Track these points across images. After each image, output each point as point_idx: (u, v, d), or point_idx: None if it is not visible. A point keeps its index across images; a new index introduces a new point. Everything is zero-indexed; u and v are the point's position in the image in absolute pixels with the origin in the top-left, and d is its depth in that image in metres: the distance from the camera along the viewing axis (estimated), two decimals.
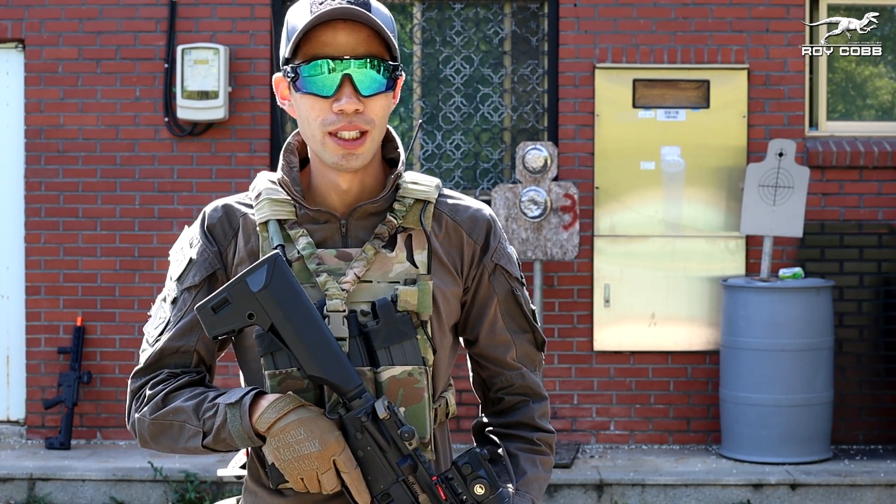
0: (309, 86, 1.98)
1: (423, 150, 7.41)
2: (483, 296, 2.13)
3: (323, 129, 1.99)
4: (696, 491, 6.45)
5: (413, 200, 2.08)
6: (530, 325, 2.17)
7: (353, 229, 2.06)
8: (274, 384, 1.97)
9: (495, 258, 2.13)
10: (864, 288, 7.19)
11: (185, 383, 2.05)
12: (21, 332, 7.35)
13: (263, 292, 1.91)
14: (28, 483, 6.53)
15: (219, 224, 2.09)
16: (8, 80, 7.35)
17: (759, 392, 6.66)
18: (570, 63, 7.20)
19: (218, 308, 1.94)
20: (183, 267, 2.09)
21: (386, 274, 2.03)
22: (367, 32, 1.98)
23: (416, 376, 1.99)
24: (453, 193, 2.15)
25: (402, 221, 2.06)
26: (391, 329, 1.99)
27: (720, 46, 7.17)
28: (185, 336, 2.07)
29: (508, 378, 2.16)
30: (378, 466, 1.92)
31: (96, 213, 7.24)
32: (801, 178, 6.83)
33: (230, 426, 1.94)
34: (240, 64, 7.19)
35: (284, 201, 2.06)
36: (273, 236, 2.03)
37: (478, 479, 1.93)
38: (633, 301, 7.10)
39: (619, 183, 7.17)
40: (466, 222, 2.12)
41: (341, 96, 1.97)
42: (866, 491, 6.45)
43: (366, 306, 2.01)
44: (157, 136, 7.24)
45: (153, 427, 2.03)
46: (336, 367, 1.91)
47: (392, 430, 1.91)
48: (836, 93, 7.46)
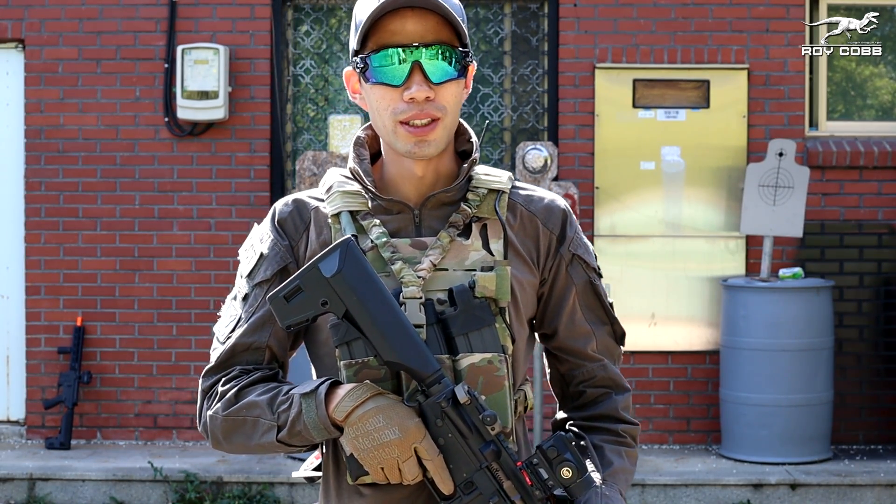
0: (379, 75, 1.96)
1: None
2: (561, 287, 2.09)
3: (394, 118, 1.96)
4: (696, 491, 6.45)
5: (486, 190, 2.05)
6: (609, 316, 2.13)
7: (427, 219, 2.03)
8: (350, 374, 1.93)
9: (573, 248, 2.09)
10: (864, 288, 7.19)
11: (258, 379, 2.01)
12: (21, 332, 7.35)
13: (336, 277, 1.87)
14: (28, 483, 6.53)
15: (289, 218, 2.07)
16: (8, 80, 7.35)
17: (759, 392, 6.66)
18: (570, 63, 7.20)
19: (291, 297, 1.90)
20: (253, 263, 2.06)
21: (462, 262, 2.00)
22: (435, 19, 1.95)
23: (496, 364, 1.95)
24: (526, 185, 2.12)
25: (477, 211, 2.03)
26: (469, 315, 1.94)
27: (720, 46, 7.17)
28: (257, 332, 2.03)
29: (590, 370, 2.11)
30: (460, 454, 1.87)
31: (96, 213, 7.24)
32: (801, 178, 6.83)
33: (305, 417, 1.89)
34: (240, 64, 7.19)
35: (356, 193, 2.04)
36: (345, 227, 2.01)
37: (564, 462, 1.87)
38: (633, 301, 7.10)
39: (619, 183, 7.17)
40: (541, 212, 2.09)
41: (411, 84, 1.95)
42: (866, 491, 6.45)
43: (442, 294, 1.97)
44: (157, 136, 7.24)
45: (226, 424, 1.99)
46: (413, 353, 1.86)
47: (473, 415, 1.86)
48: (836, 93, 7.46)
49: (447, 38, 1.97)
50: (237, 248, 7.19)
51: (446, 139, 2.00)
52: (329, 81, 7.45)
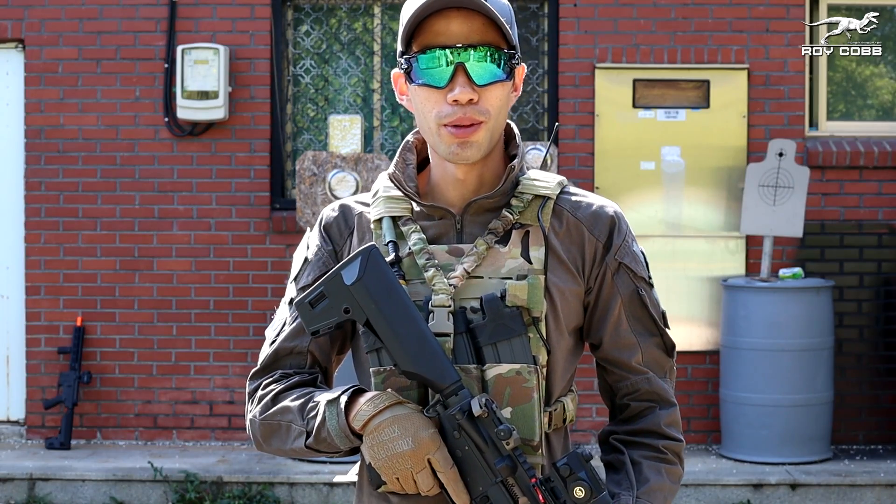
0: (423, 76, 1.93)
1: None
2: (606, 296, 2.03)
3: (438, 120, 1.93)
4: (696, 491, 6.45)
5: (532, 196, 2.00)
6: (658, 327, 2.07)
7: (468, 225, 2.00)
8: (378, 382, 1.92)
9: (619, 256, 2.03)
10: (864, 288, 7.19)
11: (296, 383, 2.00)
12: (21, 332, 7.35)
13: (356, 285, 1.86)
14: (28, 483, 6.53)
15: (335, 223, 2.06)
16: (8, 80, 7.35)
17: (759, 392, 6.66)
18: (570, 63, 7.20)
19: (315, 303, 1.90)
20: (299, 267, 2.07)
21: (497, 270, 1.96)
22: (481, 20, 1.92)
23: (525, 375, 1.92)
24: (578, 190, 2.07)
25: (520, 218, 1.99)
26: (498, 325, 1.91)
27: (720, 46, 7.17)
28: (299, 337, 2.03)
29: (634, 383, 2.06)
30: (476, 467, 1.85)
31: (96, 213, 7.24)
32: (801, 178, 6.83)
33: (328, 424, 1.89)
34: (240, 64, 7.19)
35: (399, 198, 2.03)
36: (386, 233, 1.99)
37: (577, 481, 1.84)
38: None
39: (619, 183, 7.17)
40: (588, 219, 2.03)
41: (455, 86, 1.91)
42: (866, 491, 6.45)
43: (475, 302, 1.94)
44: (157, 136, 7.24)
45: (263, 428, 2.00)
46: (431, 363, 1.84)
47: (489, 428, 1.84)
48: (837, 93, 7.46)
49: (493, 40, 1.93)
50: (237, 248, 7.20)
51: (490, 143, 1.96)
52: (329, 81, 7.45)
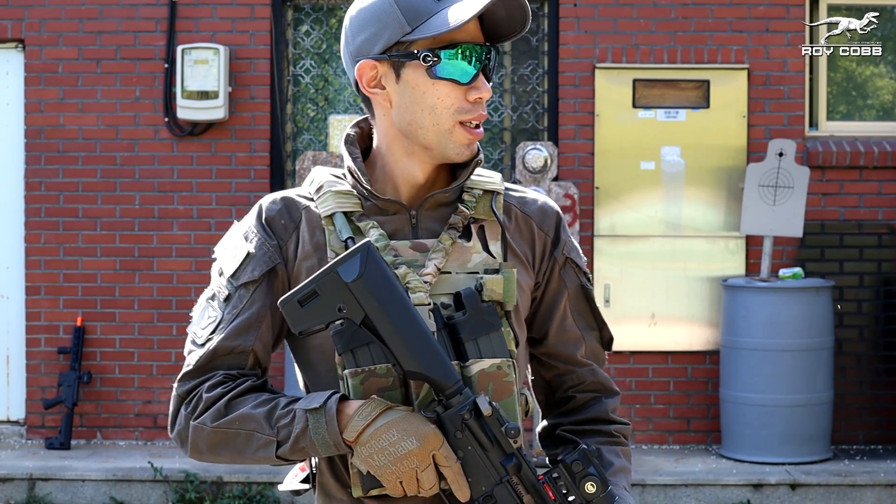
0: (449, 71, 1.91)
1: None
2: (553, 291, 2.06)
3: (455, 117, 1.92)
4: (696, 491, 6.45)
5: (481, 191, 2.01)
6: (598, 321, 2.10)
7: (424, 220, 1.99)
8: (356, 383, 1.86)
9: (566, 251, 2.06)
10: (864, 288, 7.19)
11: (248, 388, 1.92)
12: (21, 332, 7.35)
13: (358, 282, 1.80)
14: (28, 483, 6.53)
15: (278, 216, 1.99)
16: (8, 80, 7.35)
17: (759, 392, 6.66)
18: (570, 63, 7.20)
19: (305, 301, 1.82)
20: (239, 262, 1.97)
21: (465, 265, 1.96)
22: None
23: (505, 369, 1.90)
24: (518, 187, 2.09)
25: (474, 212, 1.99)
26: (478, 320, 1.88)
27: (720, 46, 7.17)
28: (242, 335, 1.95)
29: (580, 375, 2.08)
30: (480, 467, 1.83)
31: (96, 213, 7.24)
32: (801, 178, 6.83)
33: (312, 434, 1.83)
34: (240, 64, 7.19)
35: (348, 193, 1.98)
36: (341, 229, 1.95)
37: (588, 476, 1.83)
38: (633, 301, 7.10)
39: (619, 183, 7.17)
40: (536, 214, 2.06)
41: (479, 84, 1.92)
42: (866, 491, 6.45)
43: (446, 298, 1.92)
44: (157, 136, 7.24)
45: (215, 436, 1.90)
46: (435, 362, 1.81)
47: (495, 427, 1.82)
48: (837, 93, 7.46)
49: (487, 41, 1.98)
50: None
51: None
52: (329, 81, 7.45)
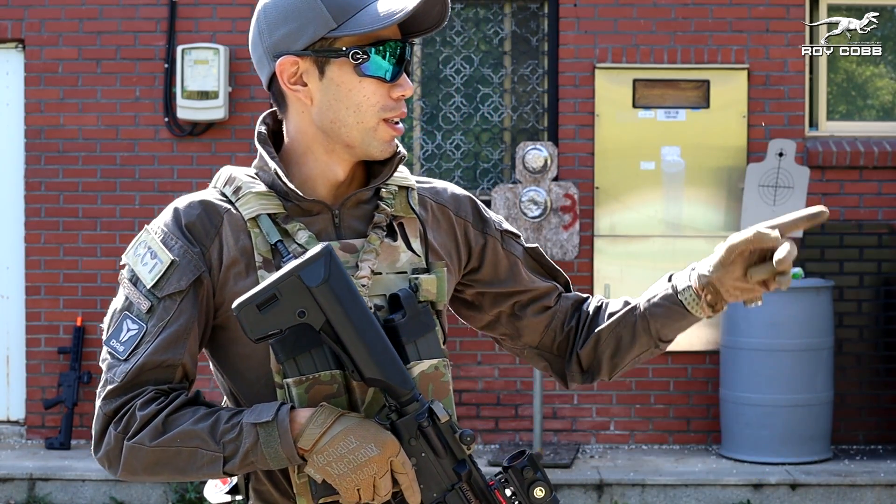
0: (375, 69, 1.87)
1: (423, 149, 7.41)
2: (506, 267, 2.07)
3: (379, 114, 1.88)
4: (696, 491, 6.45)
5: (397, 188, 1.98)
6: (552, 270, 2.13)
7: (346, 220, 1.94)
8: (301, 392, 1.81)
9: (499, 227, 2.08)
10: (864, 288, 7.19)
11: (183, 402, 1.84)
12: (21, 332, 7.35)
13: (322, 287, 1.74)
14: (28, 483, 6.53)
15: (198, 221, 1.91)
16: (8, 80, 7.35)
17: (759, 392, 6.66)
18: (570, 63, 7.20)
19: (264, 305, 1.75)
20: (161, 271, 1.88)
21: (393, 264, 1.93)
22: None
23: (442, 369, 1.89)
24: (423, 178, 2.07)
25: (394, 210, 1.97)
26: (416, 321, 1.86)
27: (720, 46, 7.17)
28: (171, 349, 1.85)
29: (563, 307, 2.10)
30: (432, 473, 1.81)
31: (96, 213, 7.24)
32: (801, 178, 6.83)
33: (264, 448, 1.77)
34: (240, 64, 7.19)
35: (268, 194, 1.91)
36: (268, 232, 1.88)
37: (537, 481, 1.83)
38: None
39: (619, 183, 7.17)
40: (450, 202, 2.05)
41: (402, 81, 1.89)
42: (866, 491, 6.45)
43: (380, 300, 1.89)
44: (157, 136, 7.24)
45: (153, 456, 1.82)
46: (394, 369, 1.78)
47: (448, 434, 1.80)
48: (837, 93, 7.46)
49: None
50: None
51: None
52: None
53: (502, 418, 7.22)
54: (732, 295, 1.94)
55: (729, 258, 1.90)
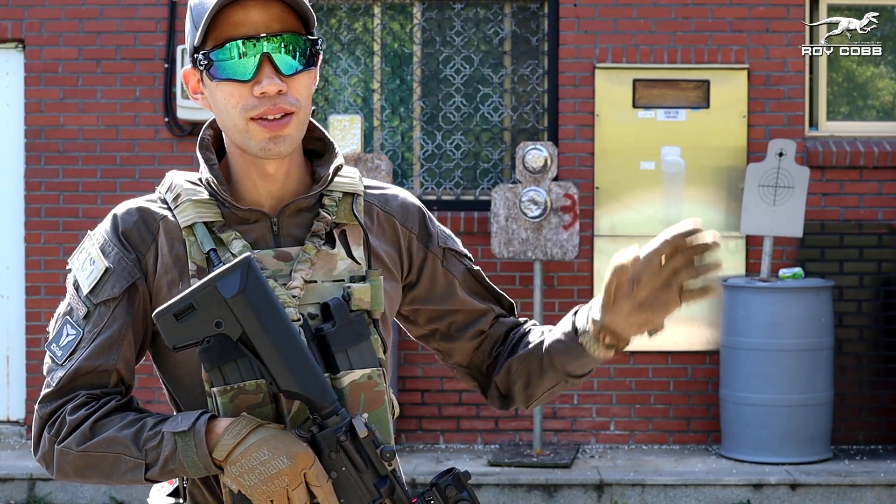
0: (225, 71, 1.83)
1: (423, 150, 7.41)
2: (443, 284, 2.04)
3: (245, 115, 1.84)
4: (696, 491, 6.46)
5: (341, 194, 1.95)
6: (494, 294, 2.10)
7: (285, 227, 1.92)
8: (226, 401, 1.80)
9: (441, 243, 2.04)
10: (864, 288, 7.19)
11: (113, 408, 1.86)
12: (21, 332, 7.35)
13: (237, 298, 1.74)
14: (28, 483, 6.53)
15: (135, 228, 1.93)
16: (8, 80, 7.35)
17: (759, 392, 6.66)
18: (570, 63, 7.20)
19: (181, 315, 1.75)
20: (97, 278, 1.92)
21: (330, 272, 1.90)
22: (279, 7, 1.83)
23: (376, 379, 1.86)
24: (376, 182, 2.03)
25: (335, 217, 1.93)
26: (347, 330, 1.85)
27: (720, 46, 7.18)
28: (104, 354, 1.88)
29: (495, 332, 2.08)
30: (353, 488, 1.79)
31: (96, 213, 7.24)
32: (801, 178, 6.83)
33: (182, 457, 1.78)
34: None
35: (208, 202, 1.90)
36: (202, 240, 1.87)
37: (461, 501, 1.82)
38: None
39: (619, 183, 7.17)
40: (398, 212, 2.01)
41: (261, 78, 1.82)
42: (866, 491, 6.45)
43: (313, 308, 1.87)
44: (157, 136, 7.24)
45: (80, 460, 1.85)
46: (312, 382, 1.77)
47: (370, 448, 1.79)
48: (837, 93, 7.46)
49: (294, 27, 1.85)
50: None
51: (300, 135, 1.89)
52: (329, 81, 7.45)
53: (502, 418, 7.22)
54: (630, 331, 1.93)
55: (609, 300, 1.88)
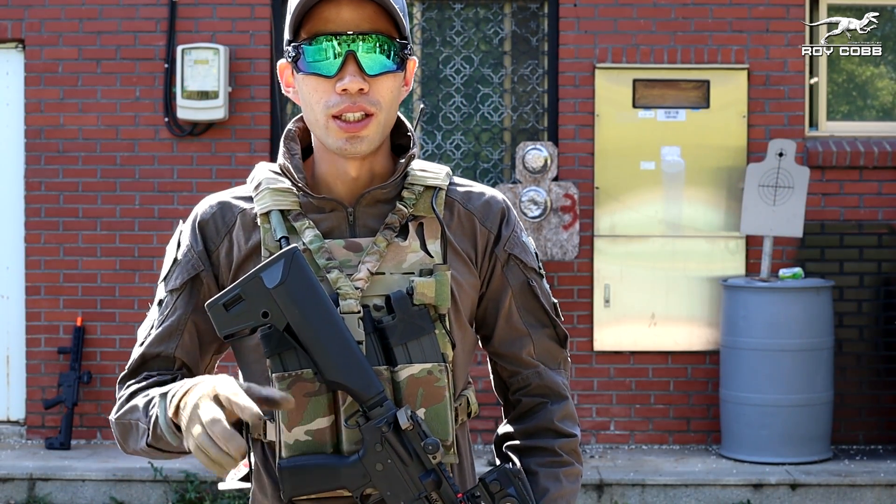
0: (311, 65, 1.85)
1: (423, 150, 7.41)
2: (496, 288, 1.99)
3: (326, 111, 1.86)
4: (696, 491, 6.45)
5: (423, 188, 1.95)
6: (550, 319, 2.03)
7: (361, 217, 1.93)
8: (283, 387, 1.82)
9: (508, 248, 1.99)
10: (864, 288, 7.19)
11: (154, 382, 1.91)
12: (21, 332, 7.35)
13: (279, 289, 1.77)
14: (28, 483, 6.53)
15: (211, 221, 1.96)
16: (8, 80, 7.35)
17: (759, 392, 6.66)
18: (570, 63, 7.20)
19: (230, 305, 1.79)
20: (168, 267, 1.99)
21: (399, 265, 1.90)
22: (373, 8, 1.85)
23: (437, 374, 1.85)
24: (464, 181, 2.03)
25: (413, 209, 1.93)
26: (408, 324, 1.84)
27: (720, 46, 7.17)
28: (165, 342, 1.94)
29: (525, 377, 2.03)
30: (399, 481, 1.80)
31: (96, 213, 7.24)
32: (801, 178, 6.83)
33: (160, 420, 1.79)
34: (240, 64, 7.19)
35: (286, 191, 1.93)
36: (276, 227, 1.89)
37: (507, 497, 1.82)
38: (633, 301, 7.09)
39: (619, 183, 7.17)
40: (479, 210, 1.99)
41: (345, 75, 1.84)
42: (866, 491, 6.45)
43: (379, 300, 1.87)
44: (157, 136, 7.24)
45: (118, 429, 1.92)
46: (357, 373, 1.78)
47: (415, 441, 1.79)
48: (837, 93, 7.46)
49: (385, 29, 1.86)
50: None
51: (381, 136, 1.91)
52: None
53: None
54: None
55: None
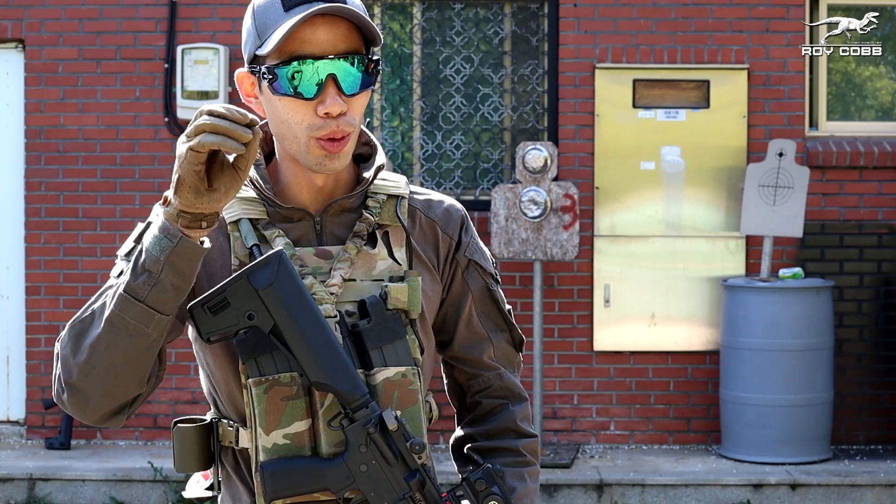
0: (289, 88, 1.85)
1: (423, 150, 7.41)
2: (457, 293, 2.04)
3: (309, 133, 1.86)
4: (696, 491, 6.45)
5: (386, 196, 1.99)
6: (507, 323, 2.08)
7: (328, 226, 1.97)
8: (260, 392, 1.85)
9: (468, 253, 2.04)
10: (864, 288, 7.19)
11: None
12: (21, 332, 7.35)
13: (268, 290, 1.79)
14: (28, 483, 6.53)
15: None
16: (8, 80, 7.35)
17: (759, 392, 6.66)
18: (570, 63, 7.20)
19: (215, 307, 1.80)
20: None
21: (370, 272, 1.94)
22: (346, 26, 1.85)
23: (410, 377, 1.89)
24: (422, 189, 2.06)
25: (378, 218, 1.97)
26: (382, 328, 1.88)
27: (720, 46, 7.18)
28: None
29: (486, 379, 2.07)
30: (383, 481, 1.83)
31: (96, 213, 7.24)
32: (801, 178, 6.83)
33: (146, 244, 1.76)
34: (240, 64, 7.18)
35: (254, 200, 1.95)
36: (246, 236, 1.92)
37: (491, 496, 1.84)
38: (633, 301, 7.10)
39: (619, 183, 7.17)
40: (441, 217, 2.04)
41: (325, 98, 1.85)
42: (866, 491, 6.45)
43: (351, 306, 1.91)
44: (157, 136, 7.24)
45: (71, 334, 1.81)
46: (342, 374, 1.80)
47: (400, 442, 1.82)
48: (837, 93, 7.46)
49: (356, 46, 1.87)
50: None
51: (352, 150, 1.93)
52: None
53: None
54: None
55: None
